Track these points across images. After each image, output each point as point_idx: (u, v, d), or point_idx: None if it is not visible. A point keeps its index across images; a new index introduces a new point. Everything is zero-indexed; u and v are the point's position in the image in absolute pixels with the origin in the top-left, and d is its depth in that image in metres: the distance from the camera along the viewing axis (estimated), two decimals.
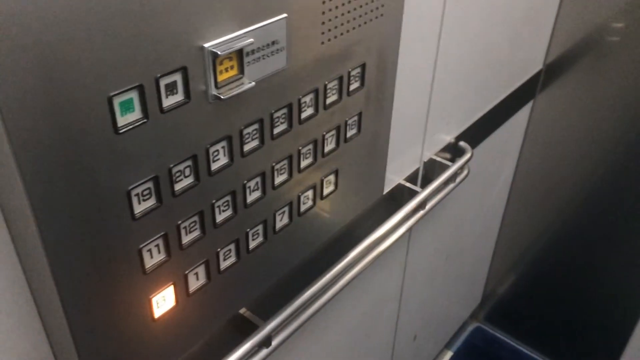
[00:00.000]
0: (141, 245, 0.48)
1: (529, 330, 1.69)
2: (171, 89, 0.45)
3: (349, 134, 0.68)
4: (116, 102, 0.41)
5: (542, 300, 1.62)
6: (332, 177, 0.68)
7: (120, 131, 0.42)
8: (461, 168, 1.03)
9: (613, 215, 1.39)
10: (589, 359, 1.60)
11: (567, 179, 1.41)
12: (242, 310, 0.70)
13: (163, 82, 0.44)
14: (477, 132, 1.12)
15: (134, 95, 0.42)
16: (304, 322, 0.74)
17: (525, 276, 1.62)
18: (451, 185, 1.04)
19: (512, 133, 1.33)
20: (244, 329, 0.68)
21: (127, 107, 0.42)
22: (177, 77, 0.45)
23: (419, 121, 0.91)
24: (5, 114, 0.35)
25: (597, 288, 1.50)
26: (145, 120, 0.44)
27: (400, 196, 0.94)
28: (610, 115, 1.29)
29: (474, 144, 1.11)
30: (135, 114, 0.43)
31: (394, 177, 0.91)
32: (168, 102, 0.45)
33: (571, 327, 1.60)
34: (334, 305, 0.90)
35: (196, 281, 0.56)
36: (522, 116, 1.33)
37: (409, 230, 0.99)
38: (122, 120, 0.42)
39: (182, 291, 0.55)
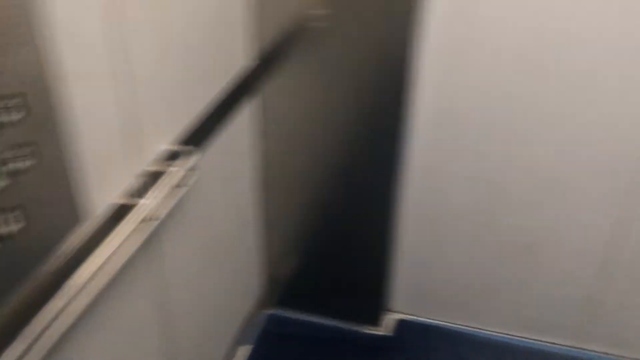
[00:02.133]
0: None
1: (312, 301, 1.82)
2: None
3: (25, 166, 0.66)
4: None
5: (316, 272, 1.76)
6: (18, 213, 0.66)
7: None
8: (190, 171, 1.07)
9: (350, 186, 1.56)
10: (360, 310, 1.80)
11: (306, 160, 1.55)
12: None
13: None
14: (200, 135, 1.17)
15: None
16: None
17: (296, 254, 1.74)
18: (184, 189, 1.07)
19: (240, 129, 1.40)
20: None
21: None
22: None
23: (124, 136, 0.91)
24: None
25: (355, 251, 1.68)
26: None
27: (123, 213, 0.92)
28: (328, 96, 1.44)
29: (200, 146, 1.15)
30: None
31: (107, 196, 0.89)
32: None
33: (342, 287, 1.77)
34: (78, 344, 0.86)
35: None
36: (245, 112, 1.41)
37: (148, 243, 1.00)
38: None
39: None
